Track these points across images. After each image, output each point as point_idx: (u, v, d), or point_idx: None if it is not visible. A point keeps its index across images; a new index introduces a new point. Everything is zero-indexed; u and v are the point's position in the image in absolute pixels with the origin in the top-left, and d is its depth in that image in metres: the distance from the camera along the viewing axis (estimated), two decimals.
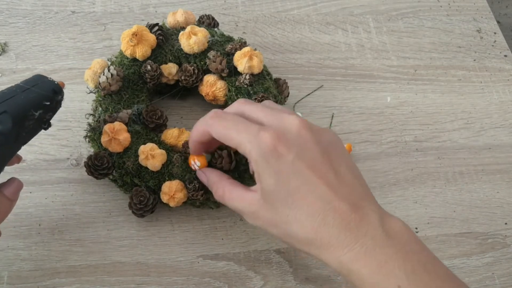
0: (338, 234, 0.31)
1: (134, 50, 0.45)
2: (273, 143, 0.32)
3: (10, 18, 0.53)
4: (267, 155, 0.32)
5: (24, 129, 0.33)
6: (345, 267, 0.30)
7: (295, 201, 0.31)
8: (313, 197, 0.31)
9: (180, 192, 0.41)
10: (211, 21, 0.50)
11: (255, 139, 0.32)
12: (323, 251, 0.31)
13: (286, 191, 0.32)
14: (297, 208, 0.31)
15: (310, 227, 0.31)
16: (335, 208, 0.31)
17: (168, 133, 0.44)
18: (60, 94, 0.36)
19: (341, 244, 0.30)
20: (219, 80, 0.47)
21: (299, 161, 0.32)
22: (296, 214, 0.31)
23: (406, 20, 0.63)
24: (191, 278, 0.42)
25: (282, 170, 0.32)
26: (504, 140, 0.55)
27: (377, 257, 0.30)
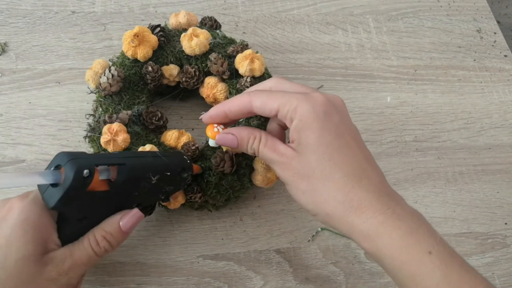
0: (370, 198, 0.31)
1: (135, 51, 0.45)
2: (325, 102, 0.33)
3: (10, 18, 0.53)
4: (317, 111, 0.32)
5: (137, 188, 0.34)
6: (374, 229, 0.30)
7: (333, 159, 0.32)
8: (352, 160, 0.32)
9: (178, 194, 0.41)
10: (213, 23, 0.50)
11: (305, 97, 0.33)
12: (350, 213, 0.31)
13: (326, 147, 0.32)
14: (334, 165, 0.32)
15: (343, 185, 0.32)
16: (370, 176, 0.32)
17: (168, 135, 0.44)
18: (187, 173, 0.38)
19: (372, 207, 0.31)
20: (220, 82, 0.47)
21: (343, 125, 0.33)
22: (331, 171, 0.32)
23: (406, 20, 0.63)
24: (191, 278, 0.42)
25: (328, 128, 0.32)
26: (504, 140, 0.55)
27: (408, 223, 0.30)
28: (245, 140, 0.36)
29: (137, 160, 0.34)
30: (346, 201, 0.31)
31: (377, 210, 0.31)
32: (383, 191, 0.32)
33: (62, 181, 0.30)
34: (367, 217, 0.31)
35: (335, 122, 0.33)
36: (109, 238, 0.34)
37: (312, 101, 0.33)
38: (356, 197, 0.31)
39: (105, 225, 0.34)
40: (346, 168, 0.32)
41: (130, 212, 0.35)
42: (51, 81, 0.50)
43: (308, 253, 0.45)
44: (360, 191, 0.31)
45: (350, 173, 0.32)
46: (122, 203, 0.35)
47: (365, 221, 0.31)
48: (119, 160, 0.33)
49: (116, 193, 0.33)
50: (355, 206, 0.31)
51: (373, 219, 0.31)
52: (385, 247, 0.30)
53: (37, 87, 0.50)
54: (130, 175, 0.33)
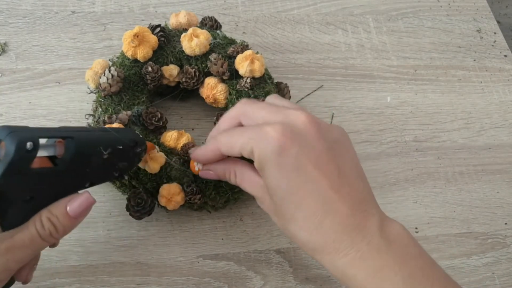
0: (334, 238, 0.30)
1: (135, 51, 0.45)
2: (277, 137, 0.30)
3: (10, 18, 0.53)
4: (270, 149, 0.30)
5: (88, 165, 0.32)
6: (340, 271, 0.30)
7: (295, 200, 0.31)
8: (314, 197, 0.30)
9: (177, 196, 0.41)
10: (213, 23, 0.50)
11: (257, 135, 0.31)
12: (317, 254, 0.31)
13: (287, 187, 0.31)
14: (297, 208, 0.31)
15: (306, 228, 0.31)
16: (334, 211, 0.30)
17: (167, 136, 0.44)
18: (141, 147, 0.36)
19: (336, 248, 0.30)
20: (220, 83, 0.47)
21: (303, 156, 0.30)
22: (294, 213, 0.31)
23: (406, 20, 0.63)
24: (191, 278, 0.42)
25: (285, 165, 0.30)
26: (504, 140, 0.55)
27: (374, 262, 0.29)
28: (222, 176, 0.36)
29: (85, 134, 0.32)
30: (311, 242, 0.31)
31: (341, 251, 0.30)
32: (352, 224, 0.30)
33: (2, 157, 0.27)
34: (334, 259, 0.30)
35: (293, 155, 0.30)
36: (54, 221, 0.30)
37: (265, 138, 0.31)
38: (321, 238, 0.30)
39: (52, 207, 0.31)
40: (307, 207, 0.30)
41: (80, 197, 0.32)
42: (51, 81, 0.50)
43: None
44: (323, 232, 0.30)
45: (312, 215, 0.30)
46: (73, 181, 0.32)
47: (332, 262, 0.30)
48: (65, 134, 0.31)
49: (65, 170, 0.31)
50: (320, 248, 0.31)
51: (338, 261, 0.30)
52: (353, 286, 0.30)
53: (37, 87, 0.50)
54: (78, 150, 0.31)
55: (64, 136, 0.31)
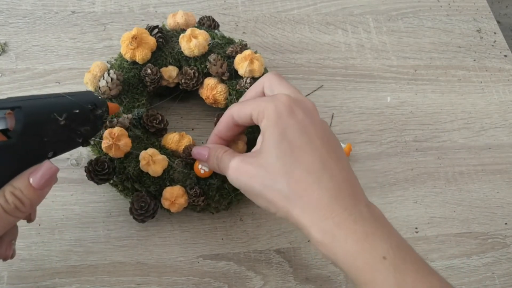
0: (329, 197, 0.31)
1: (134, 53, 0.45)
2: (289, 102, 0.34)
3: (10, 18, 0.53)
4: (280, 110, 0.33)
5: (46, 134, 0.31)
6: (330, 231, 0.30)
7: (295, 154, 0.32)
8: (314, 156, 0.32)
9: (181, 198, 0.41)
10: (211, 23, 0.50)
11: (271, 99, 0.34)
12: (307, 211, 0.31)
13: (288, 143, 0.32)
14: (295, 160, 0.32)
15: (303, 182, 0.31)
16: (332, 174, 0.32)
17: (169, 138, 0.44)
18: (101, 109, 0.35)
19: (330, 207, 0.30)
20: (219, 84, 0.47)
21: (308, 122, 0.33)
22: (292, 166, 0.32)
23: (406, 20, 0.63)
24: (191, 278, 0.42)
25: (291, 124, 0.33)
26: (504, 140, 0.55)
27: (364, 227, 0.30)
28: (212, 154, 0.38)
29: (35, 102, 0.30)
30: (305, 197, 0.31)
31: (333, 211, 0.30)
32: (345, 190, 0.31)
33: None
34: (325, 217, 0.30)
35: (299, 120, 0.33)
36: (18, 195, 0.30)
37: (277, 101, 0.34)
38: (316, 195, 0.31)
39: (14, 181, 0.30)
40: (306, 164, 0.32)
41: (41, 167, 0.30)
42: (51, 81, 0.50)
43: (308, 253, 0.45)
44: (319, 188, 0.31)
45: (310, 170, 0.32)
46: (32, 153, 0.31)
47: (322, 220, 0.30)
48: (11, 104, 0.29)
49: (19, 142, 0.29)
50: (313, 204, 0.31)
51: (329, 220, 0.30)
52: (340, 251, 0.30)
53: (37, 87, 0.50)
54: (29, 120, 0.29)
55: (10, 107, 0.29)
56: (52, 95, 0.32)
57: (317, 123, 0.34)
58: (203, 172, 0.41)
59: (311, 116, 0.34)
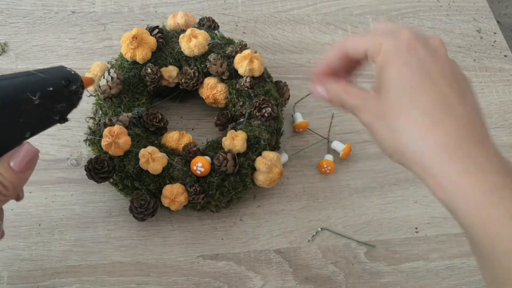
0: (449, 141, 0.27)
1: (134, 53, 0.45)
2: (409, 37, 0.31)
3: (10, 18, 0.53)
4: (399, 47, 0.30)
5: (21, 114, 0.31)
6: (452, 179, 0.27)
7: (413, 94, 0.29)
8: (436, 96, 0.29)
9: (181, 196, 0.41)
10: (211, 23, 0.50)
11: (390, 33, 0.31)
12: (425, 155, 0.28)
13: (407, 81, 0.30)
14: (413, 101, 0.29)
15: (421, 122, 0.28)
16: (456, 116, 0.28)
17: (169, 136, 0.44)
18: (75, 84, 0.33)
19: (454, 153, 0.27)
20: (219, 83, 0.47)
21: (430, 61, 0.30)
22: (410, 106, 0.29)
23: (406, 20, 0.63)
24: (191, 278, 0.42)
25: (410, 62, 0.30)
26: (504, 140, 0.55)
27: (493, 178, 0.26)
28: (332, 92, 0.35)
29: (6, 82, 0.30)
30: (421, 140, 0.28)
31: (458, 158, 0.27)
32: (470, 135, 0.28)
33: None
34: (447, 163, 0.27)
35: (420, 57, 0.30)
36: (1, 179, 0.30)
37: (396, 37, 0.31)
38: (434, 137, 0.28)
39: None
40: (426, 104, 0.29)
41: (21, 149, 0.31)
42: None
43: (308, 253, 0.45)
44: (440, 131, 0.28)
45: (430, 110, 0.28)
46: (9, 134, 0.31)
47: (443, 167, 0.27)
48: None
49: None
50: (433, 149, 0.27)
51: (452, 166, 0.27)
52: (462, 200, 0.27)
53: None
54: (2, 102, 0.29)
55: None
56: (22, 73, 0.31)
57: (442, 61, 0.31)
58: (199, 173, 0.41)
59: (436, 53, 0.31)
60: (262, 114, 0.44)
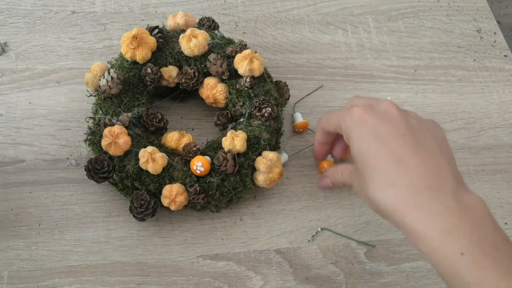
0: (406, 195, 0.31)
1: (134, 53, 0.45)
2: (359, 113, 0.35)
3: (10, 18, 0.53)
4: (353, 121, 0.36)
5: None
6: (408, 228, 0.31)
7: (373, 162, 0.33)
8: (389, 159, 0.33)
9: (181, 196, 0.41)
10: (211, 23, 0.50)
11: (345, 112, 0.37)
12: (390, 212, 0.32)
13: (366, 151, 0.34)
14: (374, 169, 0.33)
15: (381, 187, 0.32)
16: (407, 171, 0.32)
17: (169, 136, 0.44)
18: None
19: (407, 205, 0.31)
20: (219, 83, 0.47)
21: (380, 126, 0.34)
22: (372, 175, 0.33)
23: (406, 20, 0.63)
24: (191, 278, 0.42)
25: (364, 134, 0.34)
26: (504, 140, 0.55)
27: (443, 221, 0.30)
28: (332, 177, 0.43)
29: None
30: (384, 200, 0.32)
31: (412, 209, 0.31)
32: (423, 184, 0.31)
33: None
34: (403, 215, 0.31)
35: (370, 126, 0.34)
36: None
37: (350, 114, 0.36)
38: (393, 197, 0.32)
39: None
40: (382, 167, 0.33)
41: None
42: (51, 81, 0.50)
43: (308, 253, 0.45)
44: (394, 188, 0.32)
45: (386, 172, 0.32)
46: None
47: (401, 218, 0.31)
48: None
49: None
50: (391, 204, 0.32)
51: (408, 218, 0.31)
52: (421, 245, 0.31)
53: (37, 87, 0.50)
54: None
55: None
56: None
57: (392, 120, 0.35)
58: (199, 172, 0.41)
59: (385, 115, 0.35)
60: (262, 114, 0.44)
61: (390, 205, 0.32)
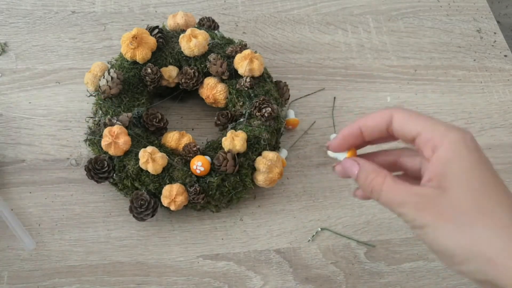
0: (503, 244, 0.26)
1: (134, 53, 0.45)
2: (466, 137, 0.29)
3: (10, 18, 0.53)
4: (468, 142, 0.28)
5: None
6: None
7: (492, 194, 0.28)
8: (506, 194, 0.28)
9: (181, 196, 0.41)
10: (211, 23, 0.50)
11: (453, 126, 0.29)
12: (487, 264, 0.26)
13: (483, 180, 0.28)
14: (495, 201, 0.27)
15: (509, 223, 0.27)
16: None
17: (169, 136, 0.44)
18: None
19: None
20: (219, 83, 0.47)
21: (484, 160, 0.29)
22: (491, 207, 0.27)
23: (406, 20, 0.63)
24: (191, 278, 0.42)
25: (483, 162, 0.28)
26: (504, 140, 0.55)
27: None
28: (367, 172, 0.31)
29: None
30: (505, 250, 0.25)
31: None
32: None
33: None
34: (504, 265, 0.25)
35: (487, 159, 0.29)
36: None
37: (462, 132, 0.29)
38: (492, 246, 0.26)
39: None
40: (507, 204, 0.27)
41: None
42: (51, 81, 0.50)
43: (308, 253, 0.45)
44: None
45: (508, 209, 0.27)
46: None
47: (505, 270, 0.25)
48: None
49: None
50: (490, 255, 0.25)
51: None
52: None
53: (37, 87, 0.50)
54: None
55: None
56: None
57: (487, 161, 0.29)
58: (199, 172, 0.41)
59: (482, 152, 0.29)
60: (262, 114, 0.44)
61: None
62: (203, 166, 0.41)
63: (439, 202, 0.28)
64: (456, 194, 0.28)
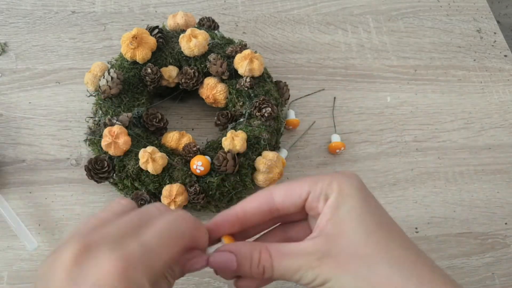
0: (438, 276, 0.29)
1: (134, 53, 0.45)
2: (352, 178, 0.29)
3: (10, 18, 0.53)
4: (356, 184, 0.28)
5: None
6: None
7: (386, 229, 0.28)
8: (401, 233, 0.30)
9: (181, 196, 0.41)
10: (211, 23, 0.50)
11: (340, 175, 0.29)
12: None
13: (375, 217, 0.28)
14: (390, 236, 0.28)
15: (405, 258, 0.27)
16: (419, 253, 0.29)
17: (169, 136, 0.44)
18: None
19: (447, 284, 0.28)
20: (219, 83, 0.47)
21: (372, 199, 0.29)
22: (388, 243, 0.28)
23: (406, 20, 0.63)
24: (190, 278, 0.42)
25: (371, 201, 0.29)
26: (504, 140, 0.55)
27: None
28: (248, 258, 0.28)
29: None
30: (413, 276, 0.26)
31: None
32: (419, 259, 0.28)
33: None
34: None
35: (374, 197, 0.29)
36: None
37: (347, 174, 0.29)
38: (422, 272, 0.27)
39: None
40: (401, 240, 0.27)
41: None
42: (51, 81, 0.50)
43: None
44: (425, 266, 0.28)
45: (408, 246, 0.27)
46: None
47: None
48: None
49: None
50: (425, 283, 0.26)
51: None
52: None
53: (37, 87, 0.50)
54: None
55: None
56: None
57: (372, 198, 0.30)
58: (199, 172, 0.41)
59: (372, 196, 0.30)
60: (262, 114, 0.44)
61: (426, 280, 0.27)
62: (203, 166, 0.41)
63: (334, 251, 0.26)
64: (351, 237, 0.27)
